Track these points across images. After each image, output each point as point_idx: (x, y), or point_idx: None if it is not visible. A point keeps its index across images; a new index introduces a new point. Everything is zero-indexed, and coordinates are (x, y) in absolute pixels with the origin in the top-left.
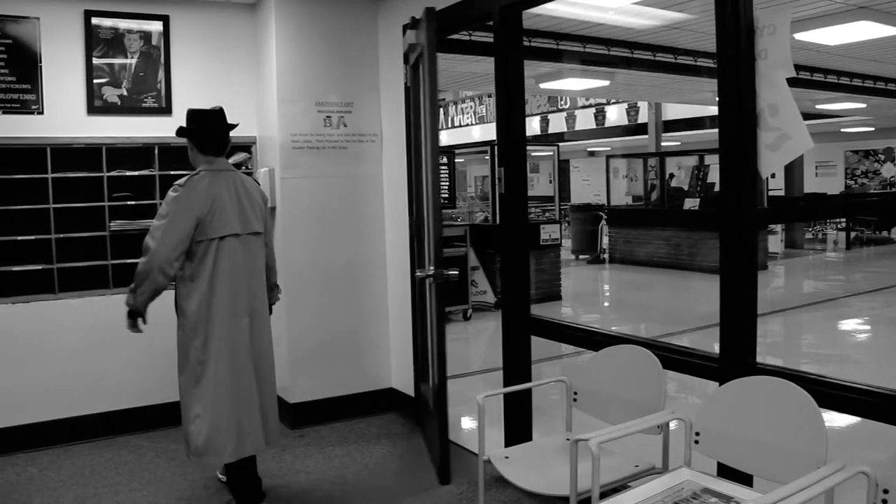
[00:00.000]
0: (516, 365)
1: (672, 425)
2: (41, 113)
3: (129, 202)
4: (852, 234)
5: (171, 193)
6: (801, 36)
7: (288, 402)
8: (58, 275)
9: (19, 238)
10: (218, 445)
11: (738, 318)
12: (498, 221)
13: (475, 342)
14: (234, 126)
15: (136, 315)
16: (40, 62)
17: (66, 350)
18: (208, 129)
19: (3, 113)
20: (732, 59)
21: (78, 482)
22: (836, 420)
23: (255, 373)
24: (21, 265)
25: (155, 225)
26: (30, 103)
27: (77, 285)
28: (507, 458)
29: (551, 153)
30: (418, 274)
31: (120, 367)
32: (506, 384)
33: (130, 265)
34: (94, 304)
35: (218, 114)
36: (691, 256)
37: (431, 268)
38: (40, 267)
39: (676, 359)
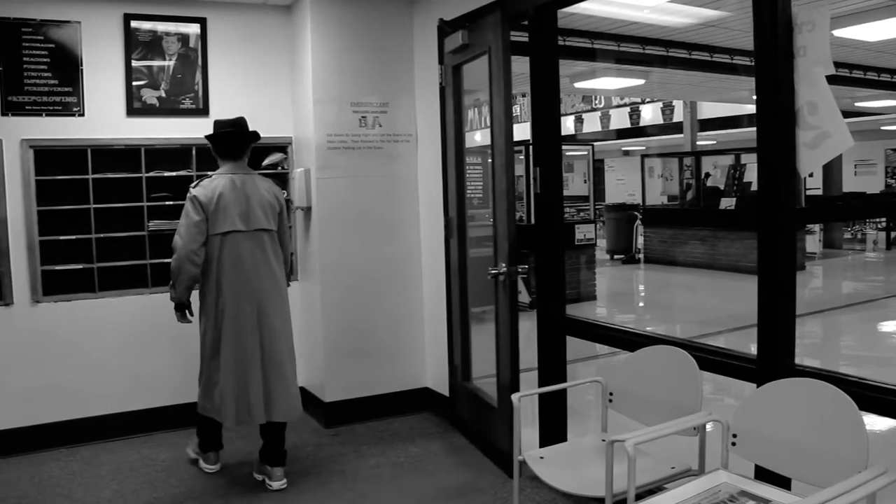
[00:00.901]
0: (551, 365)
1: (708, 427)
2: (82, 115)
3: (166, 202)
4: (893, 234)
5: (187, 194)
6: (840, 32)
7: (323, 401)
8: (98, 274)
9: (61, 238)
10: (223, 411)
11: (777, 318)
12: (532, 221)
13: None
14: (250, 132)
15: (182, 308)
16: (81, 65)
17: (106, 348)
18: (224, 135)
19: (47, 115)
20: (770, 57)
21: (116, 478)
22: (876, 423)
23: (262, 355)
24: (63, 264)
25: (179, 223)
26: (71, 106)
27: (116, 284)
28: (542, 458)
29: (586, 152)
30: (491, 271)
31: (157, 366)
32: (541, 384)
33: (168, 264)
34: (133, 303)
35: (235, 122)
36: (727, 256)
37: (503, 265)
38: (81, 266)
39: (713, 360)
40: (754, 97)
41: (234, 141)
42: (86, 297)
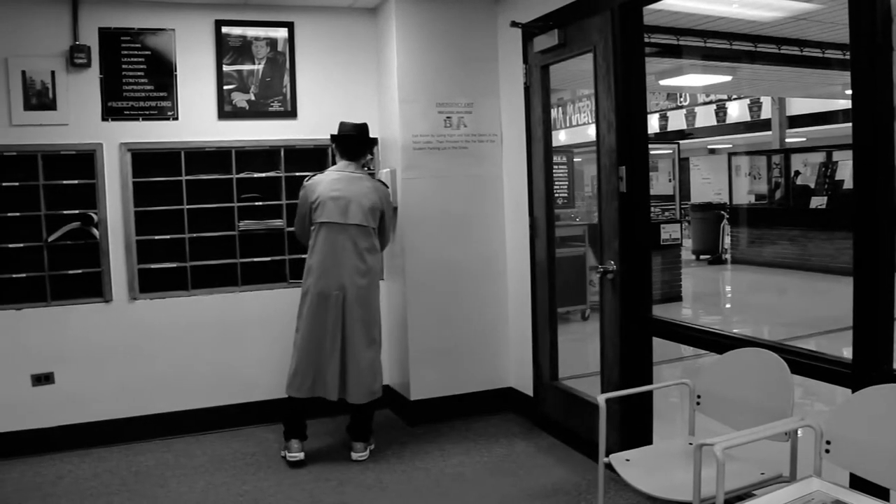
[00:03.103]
0: (637, 366)
1: (799, 433)
2: (176, 119)
3: (256, 203)
4: None
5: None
6: None
7: (408, 400)
8: (191, 272)
9: (156, 237)
10: (296, 383)
11: (874, 321)
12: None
13: (593, 342)
14: (368, 138)
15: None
16: (175, 71)
17: (198, 344)
18: (344, 137)
19: (143, 120)
20: (867, 50)
21: (208, 470)
22: None
23: (342, 340)
24: (158, 263)
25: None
26: (166, 110)
27: (208, 282)
28: (627, 460)
29: (671, 151)
30: (598, 268)
31: (247, 362)
32: (625, 386)
33: (257, 263)
34: (224, 301)
35: (357, 126)
36: (818, 257)
37: (612, 263)
38: (175, 265)
39: (805, 363)
40: (848, 92)
41: (352, 143)
42: (179, 294)
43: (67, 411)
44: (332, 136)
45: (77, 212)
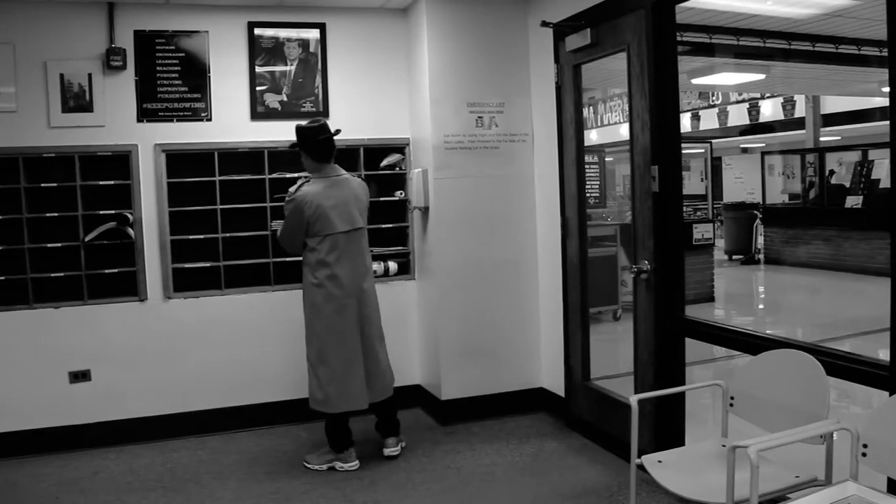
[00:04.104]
0: (670, 367)
1: (834, 436)
2: (209, 120)
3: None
4: None
5: (286, 199)
6: None
7: (439, 399)
8: (224, 272)
9: (190, 237)
10: (339, 395)
11: None
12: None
13: (624, 342)
14: (337, 132)
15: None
16: (209, 73)
17: (232, 343)
18: (319, 139)
19: (177, 121)
20: None
21: (241, 467)
22: None
23: (362, 345)
24: (192, 262)
25: (281, 225)
26: (200, 111)
27: (241, 282)
28: (659, 461)
29: (703, 150)
30: (633, 268)
31: (279, 361)
32: (658, 386)
33: (290, 263)
34: (257, 300)
35: (325, 127)
36: (854, 257)
37: (646, 263)
38: (209, 264)
39: (841, 365)
40: (885, 89)
41: (329, 145)
42: (213, 293)
43: (103, 408)
44: (302, 142)
45: (113, 212)
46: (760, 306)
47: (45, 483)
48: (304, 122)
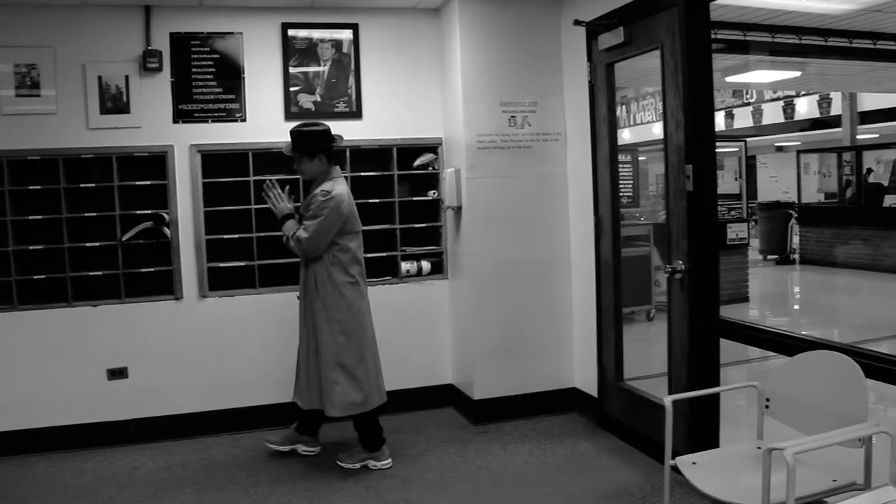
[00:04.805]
0: (704, 368)
1: (873, 439)
2: (244, 120)
3: None
4: None
5: (320, 198)
6: None
7: (472, 399)
8: (258, 271)
9: (225, 237)
10: (372, 397)
11: None
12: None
13: (658, 343)
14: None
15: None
16: (243, 74)
17: (266, 341)
18: (333, 143)
19: (212, 122)
20: None
21: (274, 464)
22: None
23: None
24: (227, 262)
25: (312, 223)
26: (234, 112)
27: (275, 281)
28: (694, 463)
29: (737, 149)
30: (667, 268)
31: None
32: (692, 387)
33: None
34: (291, 299)
35: (330, 130)
36: (892, 257)
37: (680, 263)
38: (243, 263)
39: (880, 367)
40: None
41: (335, 146)
42: (247, 292)
43: (140, 405)
44: (320, 144)
45: (149, 212)
46: (796, 307)
47: (84, 478)
48: (306, 126)
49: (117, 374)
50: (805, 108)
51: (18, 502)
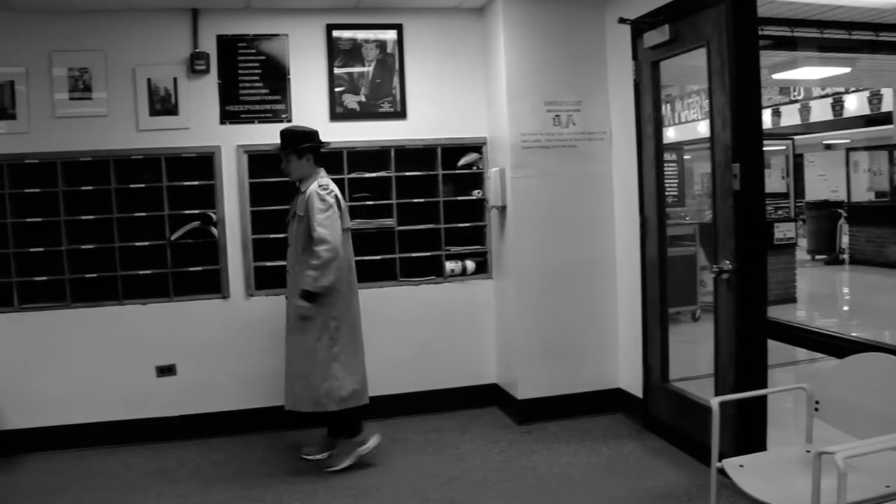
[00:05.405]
0: (751, 369)
1: None
2: (290, 121)
3: (367, 202)
4: None
5: (321, 192)
6: None
7: (516, 398)
8: None
9: (270, 236)
10: (363, 393)
11: None
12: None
13: (704, 344)
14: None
15: (323, 295)
16: (289, 75)
17: None
18: (320, 144)
19: (258, 122)
20: None
21: (316, 463)
22: None
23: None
24: (271, 261)
25: (327, 217)
26: (280, 113)
27: None
28: (741, 466)
29: (784, 147)
30: (713, 268)
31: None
32: (739, 389)
33: (367, 262)
34: None
35: (318, 133)
36: None
37: (727, 263)
38: (286, 263)
39: None
40: None
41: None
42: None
43: (188, 402)
44: (310, 143)
45: (197, 212)
46: (845, 308)
47: (133, 472)
48: (295, 127)
49: (166, 371)
50: (854, 104)
51: (73, 495)
